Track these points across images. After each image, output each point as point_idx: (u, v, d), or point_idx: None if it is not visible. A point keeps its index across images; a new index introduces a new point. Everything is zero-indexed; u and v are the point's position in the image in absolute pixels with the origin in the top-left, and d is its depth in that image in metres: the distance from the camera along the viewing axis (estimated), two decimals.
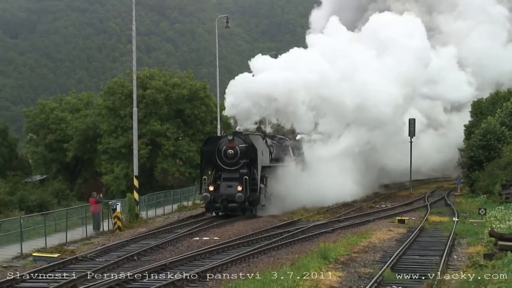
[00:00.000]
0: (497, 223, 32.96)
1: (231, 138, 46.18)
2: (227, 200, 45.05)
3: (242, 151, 45.61)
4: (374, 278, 23.64)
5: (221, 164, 46.18)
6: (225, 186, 45.81)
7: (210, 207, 46.64)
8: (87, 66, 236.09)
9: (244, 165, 45.57)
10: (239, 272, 25.71)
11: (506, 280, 20.39)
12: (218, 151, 46.10)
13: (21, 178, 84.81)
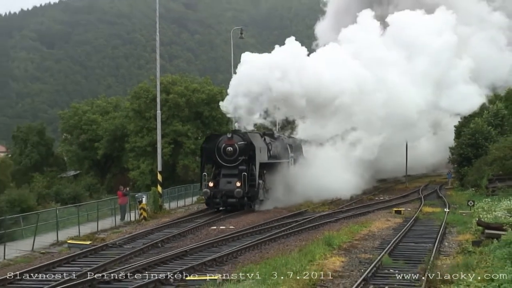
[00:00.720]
0: (484, 214, 32.87)
1: (230, 136, 44.11)
2: (226, 196, 42.99)
3: (241, 148, 43.50)
4: (373, 263, 23.63)
5: (221, 161, 44.13)
6: (225, 182, 43.77)
7: (210, 203, 44.47)
8: (115, 73, 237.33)
9: (243, 162, 43.55)
10: (252, 257, 25.76)
11: (492, 265, 20.36)
12: (217, 149, 43.97)
13: (56, 174, 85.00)
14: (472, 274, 19.35)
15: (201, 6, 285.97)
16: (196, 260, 24.70)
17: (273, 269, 21.74)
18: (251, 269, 22.00)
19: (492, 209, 33.50)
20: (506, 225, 27.18)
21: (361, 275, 21.61)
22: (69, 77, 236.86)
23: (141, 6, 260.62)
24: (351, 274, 22.47)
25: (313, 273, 21.45)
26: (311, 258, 24.07)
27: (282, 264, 22.61)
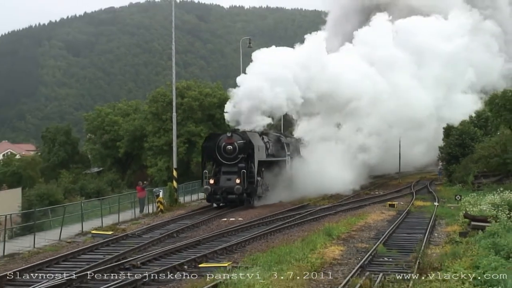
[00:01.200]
0: (470, 207, 32.80)
1: (230, 135, 42.85)
2: (226, 192, 41.61)
3: (240, 147, 42.15)
4: (369, 251, 23.63)
5: (221, 159, 42.71)
6: (225, 179, 42.30)
7: (210, 199, 42.95)
8: (135, 79, 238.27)
9: (242, 159, 42.28)
10: (259, 246, 25.79)
11: (477, 253, 20.35)
12: (218, 147, 42.62)
13: (81, 170, 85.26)
14: (459, 262, 19.36)
15: (213, 18, 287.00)
16: (208, 249, 24.75)
17: (278, 257, 21.78)
18: (258, 257, 22.05)
19: (477, 203, 33.41)
20: (490, 217, 27.19)
21: (358, 263, 21.63)
22: (93, 82, 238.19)
23: (158, 18, 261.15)
24: (349, 261, 22.48)
25: (314, 261, 21.50)
26: (312, 247, 24.07)
27: (286, 252, 22.63)
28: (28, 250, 26.20)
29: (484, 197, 35.40)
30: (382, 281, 18.31)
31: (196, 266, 21.71)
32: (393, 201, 43.99)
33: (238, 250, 25.07)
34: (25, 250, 26.09)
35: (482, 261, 18.59)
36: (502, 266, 17.61)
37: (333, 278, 19.58)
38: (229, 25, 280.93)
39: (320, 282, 19.01)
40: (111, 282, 18.82)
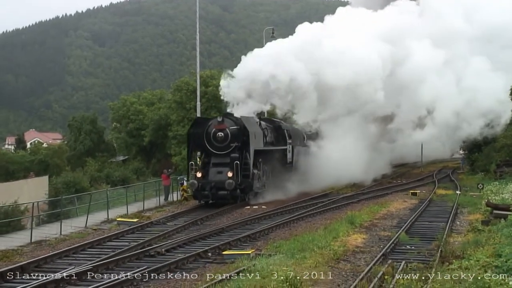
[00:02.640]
0: (492, 196, 32.67)
1: (221, 120, 35.80)
2: (216, 188, 34.85)
3: (233, 133, 35.34)
4: (391, 239, 23.61)
5: (211, 148, 35.92)
6: (215, 172, 35.52)
7: (197, 195, 36.15)
8: (160, 69, 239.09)
9: (235, 149, 35.43)
10: (282, 234, 25.80)
11: (500, 242, 20.24)
12: (207, 134, 35.68)
13: (107, 159, 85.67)
14: (481, 250, 19.26)
15: (236, 9, 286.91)
16: (231, 237, 24.80)
17: (301, 245, 21.77)
18: (281, 245, 22.05)
19: (500, 192, 33.29)
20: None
21: (381, 251, 21.58)
22: (118, 72, 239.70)
23: (183, 8, 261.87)
24: (371, 249, 22.44)
25: (337, 249, 21.48)
26: (335, 235, 24.04)
27: (309, 240, 22.61)
28: (55, 237, 26.38)
29: (506, 185, 35.27)
30: (404, 269, 18.26)
31: (220, 253, 21.74)
32: (415, 190, 43.89)
33: (261, 238, 25.09)
34: (52, 237, 26.26)
35: (505, 249, 18.47)
36: None
37: (355, 266, 19.56)
38: (252, 15, 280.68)
39: (343, 270, 18.99)
40: (135, 268, 18.92)
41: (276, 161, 41.52)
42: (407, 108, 54.50)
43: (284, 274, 16.32)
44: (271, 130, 42.04)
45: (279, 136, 42.61)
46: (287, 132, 43.63)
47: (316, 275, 17.56)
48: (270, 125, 42.59)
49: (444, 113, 55.58)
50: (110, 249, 22.53)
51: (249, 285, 15.70)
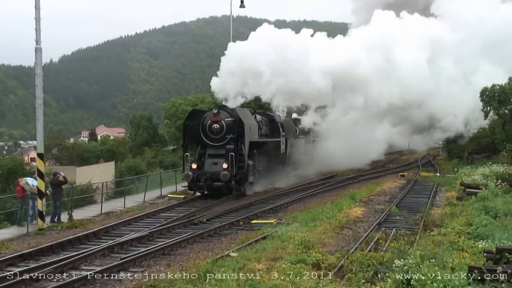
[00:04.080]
0: (465, 177, 32.38)
1: (216, 112, 30.31)
2: (211, 179, 29.16)
3: (228, 125, 29.88)
4: (385, 211, 23.60)
5: (206, 140, 30.30)
6: (210, 164, 30.02)
7: (192, 187, 30.04)
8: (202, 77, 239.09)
9: (231, 140, 29.85)
10: (298, 207, 25.80)
11: (471, 214, 20.14)
12: (202, 126, 30.23)
13: (160, 148, 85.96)
14: (456, 220, 19.18)
15: None
16: (258, 209, 24.81)
17: (313, 215, 21.81)
18: (297, 216, 22.09)
19: (471, 174, 32.99)
20: (481, 185, 26.92)
21: (376, 220, 21.57)
22: (169, 80, 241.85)
23: (220, 30, 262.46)
24: (369, 219, 22.41)
25: (341, 219, 21.48)
26: (340, 208, 24.04)
27: (319, 212, 22.63)
28: (119, 209, 26.56)
29: (476, 169, 34.96)
30: (395, 235, 18.27)
31: (249, 222, 21.78)
32: (404, 172, 43.64)
33: (281, 210, 25.07)
34: (117, 209, 26.45)
35: (475, 219, 18.44)
36: (491, 224, 17.45)
37: (356, 232, 19.55)
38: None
39: (346, 235, 18.99)
40: (183, 234, 19.06)
41: (271, 152, 35.60)
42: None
43: (300, 238, 16.37)
44: (266, 123, 36.14)
45: (273, 129, 36.40)
46: (281, 125, 37.32)
47: (325, 239, 17.59)
48: (265, 118, 36.75)
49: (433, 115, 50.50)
50: (163, 219, 22.63)
51: (272, 247, 15.75)
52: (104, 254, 16.06)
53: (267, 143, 34.78)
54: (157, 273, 13.63)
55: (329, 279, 12.53)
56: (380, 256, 14.40)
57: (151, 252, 16.18)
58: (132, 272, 14.36)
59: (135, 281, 13.21)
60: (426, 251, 13.21)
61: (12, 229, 21.55)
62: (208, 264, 13.37)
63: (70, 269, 14.47)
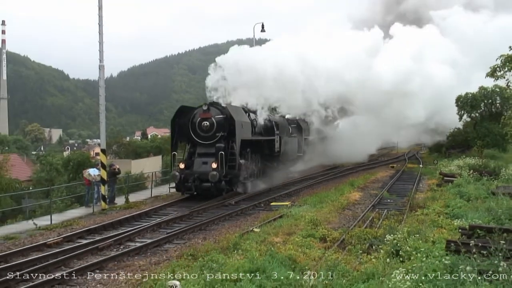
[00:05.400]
0: (443, 168, 32.03)
1: (207, 109, 23.90)
2: (200, 179, 22.71)
3: (219, 123, 23.62)
4: (378, 196, 23.40)
5: (196, 138, 23.90)
6: (199, 163, 23.51)
7: (180, 187, 23.32)
8: None
9: (221, 138, 23.58)
10: (308, 192, 25.73)
11: (448, 197, 19.91)
12: (192, 123, 23.96)
13: None
14: (436, 202, 18.99)
15: None
16: (276, 194, 24.71)
17: (319, 198, 21.73)
18: (307, 199, 22.02)
19: (448, 165, 32.62)
20: (457, 174, 26.66)
21: (371, 203, 21.42)
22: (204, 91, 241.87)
23: None
24: (365, 202, 22.26)
25: (343, 201, 21.39)
26: (341, 193, 23.91)
27: (325, 196, 22.53)
28: (165, 194, 26.66)
29: (452, 161, 34.58)
30: (386, 215, 18.13)
31: (268, 204, 21.78)
32: (393, 164, 43.33)
33: (294, 195, 24.98)
34: (163, 194, 26.56)
35: (451, 202, 18.25)
36: (464, 206, 17.26)
37: (354, 212, 19.46)
38: None
39: (346, 215, 18.90)
40: (216, 213, 19.11)
41: (265, 150, 28.91)
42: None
43: (309, 217, 16.34)
44: (260, 121, 28.65)
45: (268, 127, 29.12)
46: (275, 124, 30.23)
47: (330, 218, 17.53)
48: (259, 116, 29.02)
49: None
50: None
51: (287, 224, 15.73)
52: (153, 229, 16.17)
53: (261, 142, 27.93)
54: (195, 245, 13.70)
55: (333, 250, 12.50)
56: (374, 231, 14.33)
57: (191, 228, 16.24)
58: (175, 244, 14.44)
59: (178, 251, 13.29)
60: (411, 227, 13.12)
61: (81, 209, 21.79)
62: (236, 238, 13.39)
63: (127, 241, 14.59)
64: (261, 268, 9.87)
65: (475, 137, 37.72)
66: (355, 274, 9.55)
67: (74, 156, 44.95)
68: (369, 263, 10.43)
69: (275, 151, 29.59)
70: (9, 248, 13.72)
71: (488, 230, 10.50)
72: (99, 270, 11.58)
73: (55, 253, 12.77)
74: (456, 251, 9.58)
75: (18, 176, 44.56)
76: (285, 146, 31.74)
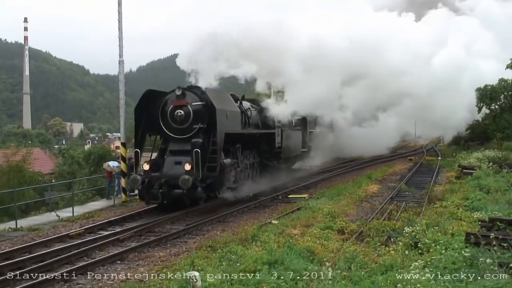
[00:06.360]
0: (462, 160, 31.66)
1: (180, 94, 18.10)
2: (169, 185, 17.04)
3: (196, 111, 17.98)
4: (396, 188, 23.28)
5: (167, 131, 18.34)
6: (171, 163, 17.90)
7: (144, 195, 17.63)
8: None
9: (200, 132, 17.93)
10: (325, 185, 25.65)
11: (467, 190, 19.69)
12: (162, 113, 18.38)
13: None
14: (455, 195, 18.79)
15: None
16: (294, 186, 24.66)
17: (337, 191, 21.64)
18: (324, 191, 21.95)
19: (467, 158, 32.25)
20: (476, 167, 26.35)
21: (389, 195, 21.31)
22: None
23: None
24: (383, 194, 22.16)
25: (361, 194, 21.29)
26: (359, 185, 23.83)
27: (343, 188, 22.46)
28: None
29: (471, 154, 34.20)
30: (404, 207, 18.01)
31: (286, 197, 21.75)
32: (411, 156, 42.99)
33: (312, 187, 24.94)
34: None
35: (471, 195, 18.05)
36: (484, 198, 17.07)
37: (372, 205, 19.37)
38: None
39: (364, 207, 18.83)
40: (241, 204, 19.02)
41: (263, 146, 23.35)
42: None
43: (327, 210, 16.30)
44: (258, 112, 23.21)
45: (266, 119, 23.48)
46: (275, 114, 23.95)
47: (347, 210, 17.47)
48: (257, 106, 23.64)
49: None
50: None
51: (305, 216, 15.71)
52: (172, 221, 16.25)
53: (257, 136, 22.24)
54: (214, 236, 13.75)
55: (351, 242, 12.45)
56: (392, 224, 14.25)
57: (209, 220, 16.30)
58: (194, 235, 14.51)
59: (197, 242, 13.35)
60: (430, 220, 13.02)
61: (102, 202, 22.02)
62: (254, 230, 13.40)
63: (147, 232, 14.69)
64: (280, 259, 9.87)
65: (495, 129, 37.23)
66: (373, 266, 9.49)
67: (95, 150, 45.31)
68: (388, 255, 10.35)
69: (276, 146, 24.04)
70: (33, 239, 13.95)
71: (509, 222, 10.37)
72: (120, 260, 11.70)
73: (77, 244, 12.94)
74: (475, 243, 9.46)
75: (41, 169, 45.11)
76: (288, 141, 25.96)
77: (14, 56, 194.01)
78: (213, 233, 14.54)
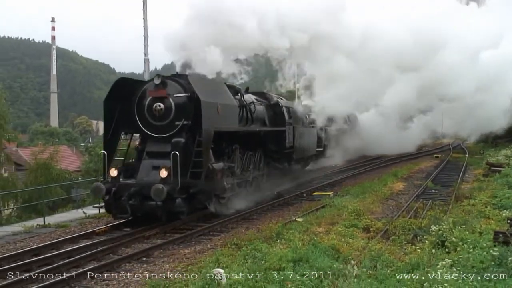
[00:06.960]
0: (490, 158, 31.19)
1: (159, 83, 14.08)
2: (141, 195, 13.27)
3: (179, 105, 14.11)
4: (422, 186, 23.04)
5: (144, 129, 14.50)
6: (148, 168, 14.09)
7: (110, 207, 13.98)
8: None
9: (183, 129, 14.10)
10: (350, 182, 25.51)
11: (495, 188, 19.40)
12: (139, 106, 14.46)
13: None
14: (483, 193, 18.53)
15: None
16: (318, 184, 24.65)
17: (362, 189, 21.50)
18: (349, 189, 21.81)
19: (495, 155, 31.75)
20: (504, 164, 25.98)
21: (415, 193, 21.09)
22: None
23: None
24: (409, 192, 21.94)
25: (386, 192, 21.12)
26: (385, 183, 23.63)
27: (368, 186, 22.30)
28: None
29: (500, 151, 33.66)
30: (431, 205, 17.80)
31: (311, 194, 21.67)
32: (438, 154, 42.48)
33: (337, 185, 24.83)
34: None
35: (499, 193, 17.78)
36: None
37: (398, 203, 19.20)
38: None
39: (390, 205, 18.67)
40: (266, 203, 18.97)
41: (270, 146, 20.28)
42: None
43: (352, 207, 16.20)
44: (266, 107, 20.14)
45: (275, 115, 20.51)
46: (286, 110, 21.16)
47: (373, 208, 17.35)
48: (263, 100, 20.46)
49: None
50: None
51: (330, 214, 15.64)
52: (199, 219, 16.34)
53: (260, 135, 18.92)
54: (239, 234, 13.78)
55: (377, 240, 12.35)
56: (419, 222, 14.09)
57: (234, 218, 16.33)
58: (219, 232, 14.56)
59: (222, 240, 13.40)
60: (457, 218, 12.85)
61: None
62: (279, 227, 13.38)
63: (172, 229, 14.76)
64: (304, 257, 9.85)
65: None
66: (399, 265, 9.40)
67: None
68: (414, 254, 10.25)
69: (286, 146, 21.04)
70: (60, 236, 14.19)
71: None
72: (146, 257, 11.80)
73: (104, 241, 13.09)
74: (504, 242, 9.31)
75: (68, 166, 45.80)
76: (301, 140, 23.29)
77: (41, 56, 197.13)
78: (237, 231, 14.56)
